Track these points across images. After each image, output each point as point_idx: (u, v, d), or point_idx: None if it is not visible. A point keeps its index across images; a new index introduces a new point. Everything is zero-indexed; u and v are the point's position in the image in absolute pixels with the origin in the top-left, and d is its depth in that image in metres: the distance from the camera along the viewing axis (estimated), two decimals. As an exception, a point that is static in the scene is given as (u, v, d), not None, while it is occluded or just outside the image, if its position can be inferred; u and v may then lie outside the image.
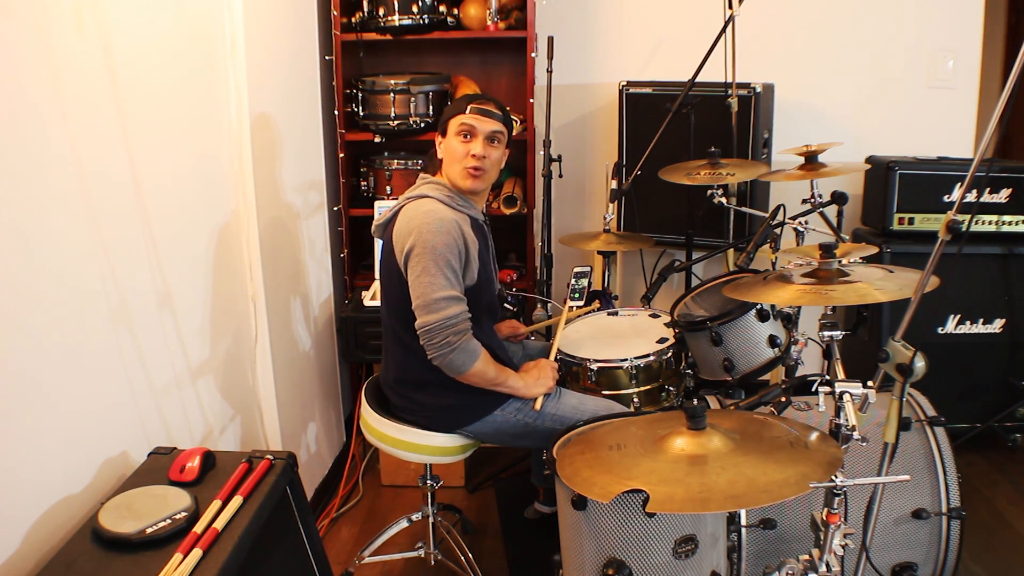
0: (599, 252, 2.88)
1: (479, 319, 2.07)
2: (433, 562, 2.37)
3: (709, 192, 2.67)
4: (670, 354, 2.29)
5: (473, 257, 1.99)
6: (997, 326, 2.91)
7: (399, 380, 2.13)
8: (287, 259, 2.57)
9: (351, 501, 2.88)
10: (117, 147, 1.68)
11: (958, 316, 2.91)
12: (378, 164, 3.09)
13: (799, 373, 2.26)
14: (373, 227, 2.15)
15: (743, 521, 1.84)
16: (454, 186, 2.06)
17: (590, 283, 2.73)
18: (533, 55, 2.98)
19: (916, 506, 1.89)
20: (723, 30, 2.62)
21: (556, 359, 2.31)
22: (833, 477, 1.42)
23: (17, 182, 1.37)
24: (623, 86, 3.10)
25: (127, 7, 1.71)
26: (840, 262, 1.72)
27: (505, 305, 2.62)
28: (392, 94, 2.92)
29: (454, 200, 2.03)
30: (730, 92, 2.79)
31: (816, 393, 1.54)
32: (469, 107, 2.04)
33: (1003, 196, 2.88)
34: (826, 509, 1.49)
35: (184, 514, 1.43)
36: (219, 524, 1.43)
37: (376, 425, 2.16)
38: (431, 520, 2.34)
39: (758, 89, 2.88)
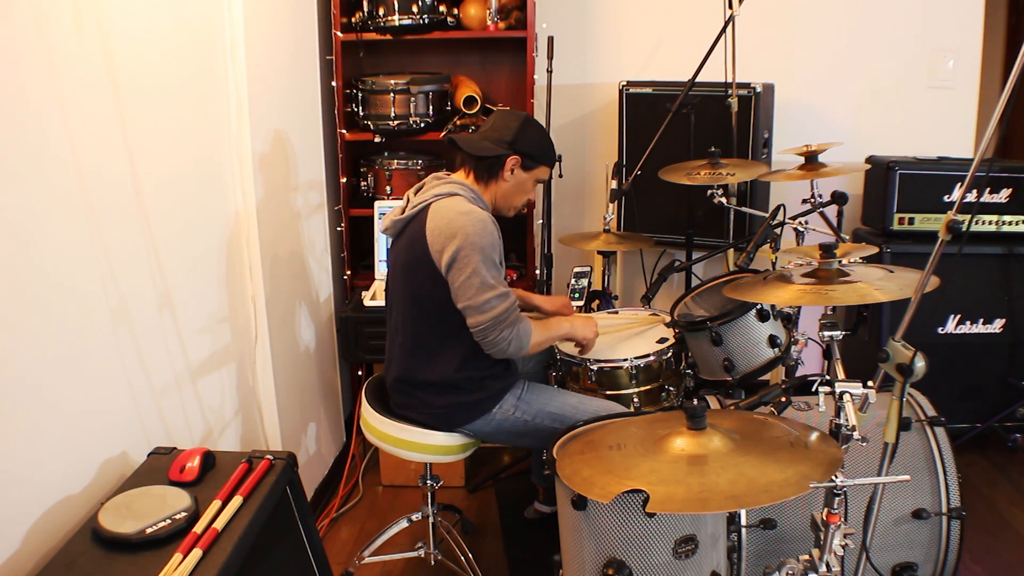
0: (599, 252, 2.88)
1: None
2: (433, 562, 2.37)
3: (709, 192, 2.67)
4: (670, 354, 2.29)
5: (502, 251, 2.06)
6: (997, 326, 2.91)
7: (404, 378, 2.12)
8: (287, 259, 2.57)
9: (351, 501, 2.88)
10: (117, 147, 1.68)
11: (958, 316, 2.90)
12: (378, 164, 3.09)
13: (799, 373, 2.27)
14: (387, 223, 2.12)
15: (743, 521, 1.84)
16: (501, 209, 2.17)
17: (590, 283, 2.73)
18: (533, 55, 2.98)
19: (916, 506, 1.89)
20: (723, 30, 2.62)
21: (558, 357, 2.32)
22: (833, 477, 1.42)
23: (17, 183, 1.37)
24: (623, 86, 3.10)
25: (127, 7, 1.71)
26: (840, 262, 1.72)
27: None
28: (392, 94, 2.92)
29: (478, 202, 2.08)
30: (730, 92, 2.79)
31: (816, 393, 1.54)
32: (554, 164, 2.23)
33: (1003, 196, 2.88)
34: (826, 509, 1.49)
35: (184, 514, 1.43)
36: (219, 524, 1.43)
37: (377, 424, 2.15)
38: (431, 520, 2.34)
39: (758, 89, 2.88)
